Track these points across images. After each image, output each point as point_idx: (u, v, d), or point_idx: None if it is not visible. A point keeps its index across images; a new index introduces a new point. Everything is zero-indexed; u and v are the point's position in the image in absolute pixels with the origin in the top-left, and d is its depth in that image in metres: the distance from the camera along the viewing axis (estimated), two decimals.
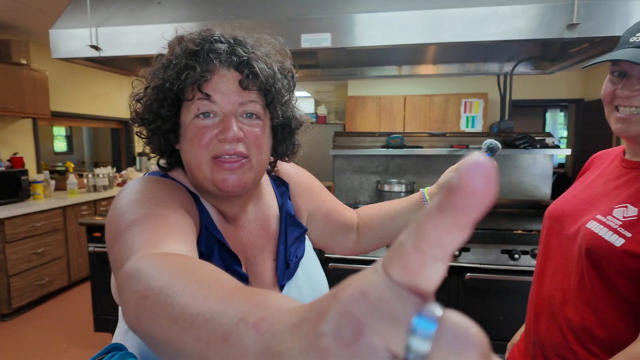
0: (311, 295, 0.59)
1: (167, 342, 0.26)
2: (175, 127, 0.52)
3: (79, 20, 1.76)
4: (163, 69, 0.50)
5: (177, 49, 0.50)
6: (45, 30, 2.07)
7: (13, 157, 3.08)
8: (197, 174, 0.51)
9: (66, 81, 3.68)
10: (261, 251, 0.59)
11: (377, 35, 1.55)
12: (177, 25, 0.57)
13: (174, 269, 0.30)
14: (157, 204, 0.45)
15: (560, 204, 0.78)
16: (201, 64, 0.48)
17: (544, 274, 0.77)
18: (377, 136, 2.48)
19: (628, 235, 0.61)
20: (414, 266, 0.14)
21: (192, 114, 0.49)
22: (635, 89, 0.63)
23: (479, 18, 1.46)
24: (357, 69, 2.23)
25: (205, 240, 0.52)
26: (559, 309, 0.71)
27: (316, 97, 6.03)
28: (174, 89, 0.48)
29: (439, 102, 4.52)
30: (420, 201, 0.71)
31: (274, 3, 1.64)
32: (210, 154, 0.49)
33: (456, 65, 2.12)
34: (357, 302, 0.14)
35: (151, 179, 0.52)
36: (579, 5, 1.37)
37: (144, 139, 0.55)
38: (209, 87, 0.48)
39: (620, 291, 0.63)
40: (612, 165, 0.76)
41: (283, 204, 0.63)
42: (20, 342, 2.37)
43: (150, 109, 0.51)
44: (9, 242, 2.59)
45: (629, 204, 0.64)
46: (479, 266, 1.64)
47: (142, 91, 0.53)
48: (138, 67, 2.19)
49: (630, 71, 0.64)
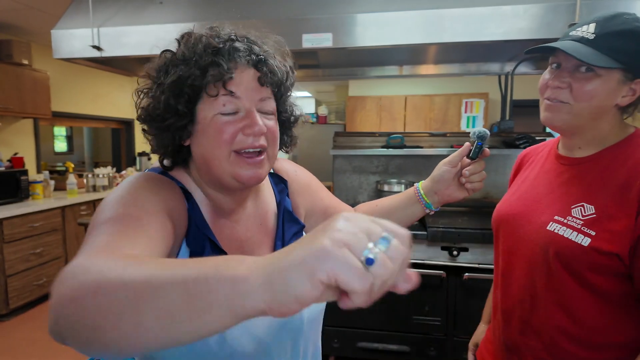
0: None
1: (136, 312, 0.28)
2: (189, 123, 0.52)
3: (80, 20, 1.76)
4: (181, 64, 0.50)
5: (198, 45, 0.50)
6: (46, 30, 2.07)
7: (13, 157, 3.08)
8: (215, 167, 0.52)
9: (67, 81, 3.68)
10: (259, 246, 0.59)
11: (378, 35, 1.54)
12: (177, 26, 0.57)
13: (126, 260, 0.32)
14: (137, 205, 0.45)
15: (508, 206, 0.78)
16: (226, 61, 0.49)
17: (508, 278, 0.76)
18: (377, 136, 2.48)
19: (592, 234, 0.61)
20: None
21: (215, 110, 0.50)
22: (564, 81, 0.63)
23: (479, 18, 1.46)
24: (358, 69, 2.23)
25: (193, 238, 0.52)
26: (529, 313, 0.71)
27: (317, 97, 6.04)
28: (196, 84, 0.49)
29: (439, 102, 4.52)
30: (415, 195, 0.72)
31: (274, 3, 1.64)
32: (233, 148, 0.51)
33: (457, 65, 2.12)
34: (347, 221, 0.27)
35: (147, 176, 0.53)
36: (581, 5, 1.37)
37: (153, 135, 0.54)
38: (232, 84, 0.50)
39: (595, 287, 0.64)
40: (548, 162, 0.75)
41: (281, 201, 0.65)
42: (18, 342, 2.36)
43: (165, 104, 0.50)
44: (7, 242, 2.59)
45: (584, 202, 0.64)
46: (477, 266, 1.64)
47: (152, 87, 0.53)
48: (139, 67, 2.19)
49: (565, 63, 0.64)
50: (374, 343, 1.84)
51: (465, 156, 0.67)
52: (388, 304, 1.82)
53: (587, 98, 0.62)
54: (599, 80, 0.61)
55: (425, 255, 1.78)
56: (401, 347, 1.81)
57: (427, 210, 0.71)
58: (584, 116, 0.64)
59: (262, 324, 0.54)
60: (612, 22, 0.61)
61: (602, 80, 0.61)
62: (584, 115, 0.64)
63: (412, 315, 1.78)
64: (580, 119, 0.64)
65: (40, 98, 3.13)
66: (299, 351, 0.59)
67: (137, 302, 0.28)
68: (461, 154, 0.68)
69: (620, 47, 0.59)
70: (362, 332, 1.85)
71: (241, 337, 0.51)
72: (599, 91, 0.61)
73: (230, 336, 0.51)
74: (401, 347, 1.81)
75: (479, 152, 0.66)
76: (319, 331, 0.65)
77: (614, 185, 0.63)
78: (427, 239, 1.78)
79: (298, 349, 0.59)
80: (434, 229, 1.76)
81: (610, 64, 0.59)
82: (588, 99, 0.62)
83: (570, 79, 0.63)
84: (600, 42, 0.60)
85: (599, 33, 0.60)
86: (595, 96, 0.62)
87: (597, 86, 0.61)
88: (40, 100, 3.13)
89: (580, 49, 0.60)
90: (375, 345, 1.84)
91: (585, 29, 0.62)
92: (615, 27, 0.60)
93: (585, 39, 0.61)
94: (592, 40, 0.60)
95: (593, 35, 0.61)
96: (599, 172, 0.66)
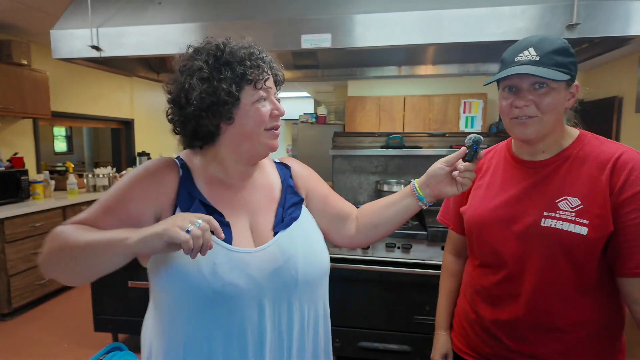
0: (305, 246, 0.72)
1: (82, 251, 0.60)
2: (233, 106, 0.68)
3: (79, 20, 1.76)
4: (236, 63, 0.66)
5: (242, 51, 0.68)
6: (46, 30, 2.08)
7: (13, 157, 3.08)
8: (253, 140, 0.70)
9: (67, 81, 3.68)
10: (265, 208, 0.75)
11: (377, 35, 1.55)
12: (176, 26, 0.62)
13: (81, 231, 0.62)
14: (125, 198, 0.67)
15: (482, 210, 0.84)
16: (266, 66, 0.71)
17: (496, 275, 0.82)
18: (377, 136, 2.49)
19: (586, 222, 0.70)
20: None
21: (255, 98, 0.68)
22: (528, 99, 0.72)
23: (478, 18, 1.47)
24: (357, 70, 2.23)
25: (183, 200, 0.69)
26: (516, 300, 0.78)
27: (316, 98, 6.04)
28: (250, 78, 0.67)
29: (438, 102, 4.52)
30: (412, 191, 0.79)
31: (274, 3, 1.64)
32: (265, 126, 0.70)
33: (456, 65, 2.13)
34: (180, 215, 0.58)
35: (149, 165, 0.70)
36: (578, 5, 1.37)
37: (198, 119, 0.67)
38: (267, 82, 0.70)
39: (586, 274, 0.73)
40: (511, 168, 0.83)
41: (285, 180, 0.80)
42: (20, 342, 2.37)
43: (227, 91, 0.65)
44: (9, 242, 2.59)
45: (566, 196, 0.73)
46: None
47: (208, 73, 0.66)
48: (139, 67, 2.19)
49: (520, 85, 0.73)
50: (374, 343, 1.85)
51: (461, 158, 0.74)
52: (389, 304, 1.83)
53: (551, 109, 0.72)
54: (554, 92, 0.72)
55: (425, 255, 1.78)
56: (402, 346, 1.82)
57: (420, 203, 0.78)
58: (551, 124, 0.74)
59: (252, 263, 0.66)
60: (545, 44, 0.72)
61: (556, 91, 0.72)
62: (550, 124, 0.74)
63: (413, 315, 1.79)
64: (548, 127, 0.74)
65: (39, 98, 3.13)
66: (294, 308, 0.69)
67: (79, 256, 0.60)
68: (458, 156, 0.75)
69: (561, 61, 0.70)
70: (363, 331, 1.86)
71: (231, 271, 0.64)
72: (557, 101, 0.72)
73: (221, 269, 0.63)
74: (402, 346, 1.82)
75: (474, 155, 0.74)
76: (316, 297, 0.74)
77: (584, 177, 0.73)
78: (427, 239, 1.79)
79: (292, 306, 0.69)
80: (434, 229, 1.77)
81: (563, 77, 0.69)
82: (552, 109, 0.72)
83: (532, 96, 0.72)
84: (545, 61, 0.70)
85: (541, 54, 0.71)
86: (556, 105, 0.72)
87: (555, 97, 0.72)
88: (39, 101, 3.13)
89: (536, 70, 0.70)
90: (376, 345, 1.85)
91: (527, 53, 0.72)
92: (550, 47, 0.71)
93: (533, 61, 0.71)
94: (538, 60, 0.70)
95: (537, 57, 0.71)
96: (567, 169, 0.75)
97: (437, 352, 0.96)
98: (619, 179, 0.69)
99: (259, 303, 0.66)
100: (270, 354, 0.66)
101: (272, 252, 0.69)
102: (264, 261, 0.67)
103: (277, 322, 0.67)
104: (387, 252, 1.82)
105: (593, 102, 4.35)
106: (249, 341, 0.65)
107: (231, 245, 0.66)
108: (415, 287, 1.76)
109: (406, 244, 1.80)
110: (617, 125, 3.99)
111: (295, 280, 0.69)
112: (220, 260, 0.64)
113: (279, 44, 1.61)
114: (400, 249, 1.81)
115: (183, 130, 0.70)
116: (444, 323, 0.98)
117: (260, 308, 0.66)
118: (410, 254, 1.80)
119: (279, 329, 0.68)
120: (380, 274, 1.80)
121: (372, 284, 1.82)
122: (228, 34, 0.72)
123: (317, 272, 0.73)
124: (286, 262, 0.68)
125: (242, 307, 0.64)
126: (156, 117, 5.02)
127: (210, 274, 0.63)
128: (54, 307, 2.85)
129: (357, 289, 1.84)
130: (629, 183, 0.68)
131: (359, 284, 1.83)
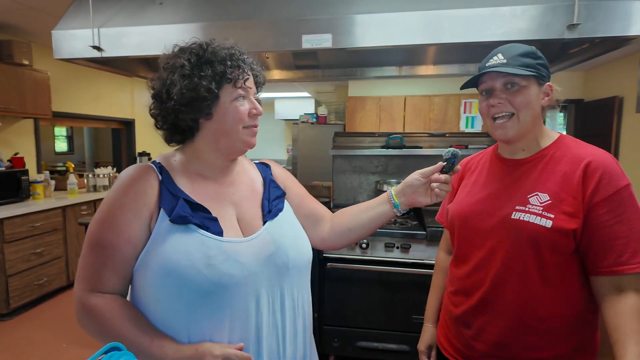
0: (292, 234, 0.77)
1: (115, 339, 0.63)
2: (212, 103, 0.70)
3: (81, 21, 1.77)
4: (217, 62, 0.69)
5: (224, 51, 0.71)
6: (47, 31, 2.08)
7: (14, 157, 3.09)
8: (231, 136, 0.72)
9: (68, 81, 3.69)
10: (248, 199, 0.78)
11: (377, 35, 1.55)
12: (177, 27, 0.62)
13: (117, 314, 0.67)
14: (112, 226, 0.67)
15: (466, 206, 0.89)
16: (247, 67, 0.73)
17: (474, 265, 0.86)
18: (377, 136, 2.49)
19: (552, 217, 0.75)
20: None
21: (233, 96, 0.71)
22: (501, 97, 0.79)
23: (478, 19, 1.47)
24: (358, 70, 2.23)
25: (166, 200, 0.69)
26: (491, 292, 0.82)
27: (316, 98, 6.04)
28: (230, 77, 0.70)
29: (438, 102, 4.52)
30: (388, 199, 0.84)
31: (274, 4, 1.64)
32: (243, 124, 0.72)
33: (456, 65, 2.13)
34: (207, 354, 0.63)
35: (124, 179, 0.70)
36: (579, 5, 1.37)
37: (178, 114, 0.69)
38: (247, 82, 0.73)
39: (547, 267, 0.76)
40: (494, 166, 0.89)
41: (266, 176, 0.85)
42: (19, 341, 2.37)
43: (205, 88, 0.68)
44: (8, 242, 2.60)
45: (537, 192, 0.78)
46: None
47: (189, 70, 0.68)
48: (140, 67, 2.19)
49: (493, 85, 0.80)
50: (373, 342, 1.85)
51: (437, 172, 0.80)
52: (388, 304, 1.83)
53: (525, 105, 0.78)
54: (525, 89, 0.78)
55: (424, 255, 1.78)
56: (401, 346, 1.82)
57: (394, 209, 0.83)
58: (528, 122, 0.79)
59: (244, 252, 0.69)
60: (512, 49, 0.80)
61: (527, 89, 0.78)
62: (528, 121, 0.79)
63: (412, 315, 1.79)
64: (526, 125, 0.80)
65: (40, 98, 3.13)
66: (285, 293, 0.73)
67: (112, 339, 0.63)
68: (434, 170, 0.80)
69: (527, 62, 0.78)
70: (362, 331, 1.86)
71: (225, 261, 0.66)
72: (530, 98, 0.78)
73: (215, 260, 0.65)
74: (401, 346, 1.82)
75: (451, 167, 0.79)
76: (304, 285, 0.79)
77: (558, 176, 0.77)
78: (426, 239, 1.79)
79: (284, 291, 0.73)
80: (433, 228, 1.77)
81: (526, 72, 0.77)
82: (526, 105, 0.78)
83: (505, 95, 0.79)
84: (512, 62, 0.78)
85: (508, 58, 0.79)
86: (529, 102, 0.78)
87: (526, 95, 0.78)
88: (40, 101, 3.13)
89: (502, 69, 0.78)
90: (375, 345, 1.84)
91: (496, 58, 0.81)
92: (516, 51, 0.79)
93: (501, 63, 0.79)
94: (506, 63, 0.79)
95: (505, 60, 0.79)
96: (543, 167, 0.80)
97: (423, 344, 1.03)
98: (591, 182, 0.73)
99: (255, 290, 0.69)
100: (267, 338, 0.69)
101: (264, 240, 0.72)
102: (257, 249, 0.71)
103: (272, 307, 0.71)
104: (386, 251, 1.82)
105: (593, 102, 4.35)
106: (246, 328, 0.68)
107: (222, 237, 0.68)
108: (415, 286, 1.76)
109: (405, 243, 1.80)
110: (617, 125, 3.99)
111: (287, 266, 0.73)
112: (214, 252, 0.66)
113: (279, 44, 1.61)
114: (399, 248, 1.81)
115: (164, 124, 0.73)
116: (431, 316, 1.04)
117: (256, 294, 0.69)
118: (409, 253, 1.80)
119: (273, 313, 0.71)
120: (380, 274, 1.80)
121: (371, 284, 1.82)
122: (229, 34, 0.74)
123: (305, 259, 0.78)
124: (278, 249, 0.72)
125: (238, 295, 0.67)
126: None
127: (205, 266, 0.64)
128: (52, 307, 2.85)
129: (356, 288, 1.84)
130: (602, 186, 0.72)
131: (358, 283, 1.83)
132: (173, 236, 0.66)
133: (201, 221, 0.68)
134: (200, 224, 0.67)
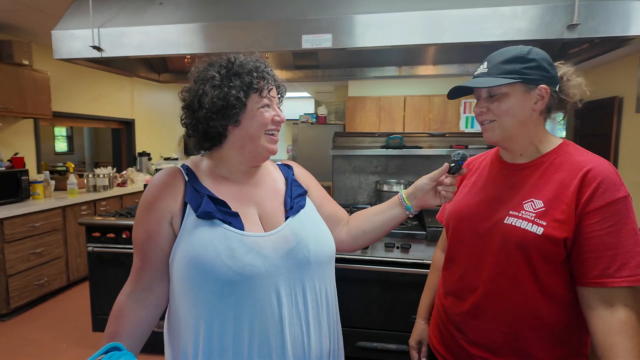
0: (314, 230, 0.80)
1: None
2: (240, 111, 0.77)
3: (81, 21, 1.77)
4: (244, 74, 0.76)
5: (250, 64, 0.77)
6: (47, 31, 2.08)
7: (14, 157, 3.08)
8: (255, 142, 0.77)
9: (68, 82, 3.69)
10: (270, 198, 0.82)
11: (377, 36, 1.55)
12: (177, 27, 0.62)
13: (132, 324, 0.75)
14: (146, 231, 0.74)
15: (464, 206, 0.90)
16: (271, 78, 0.80)
17: (465, 267, 0.86)
18: (377, 136, 2.49)
19: (544, 224, 0.74)
20: None
21: (260, 104, 0.77)
22: (483, 106, 0.82)
23: (478, 19, 1.47)
24: (357, 70, 2.23)
25: (191, 197, 0.75)
26: (482, 296, 0.82)
27: (316, 98, 6.05)
28: (257, 87, 0.76)
29: (438, 102, 4.52)
30: (399, 201, 0.88)
31: (275, 4, 1.64)
32: (266, 129, 0.78)
33: (456, 65, 2.13)
34: None
35: (153, 184, 0.77)
36: (579, 5, 1.38)
37: (209, 122, 0.76)
38: (271, 91, 0.79)
39: (539, 275, 0.76)
40: (494, 169, 0.89)
41: (288, 176, 0.89)
42: (19, 342, 2.37)
43: (235, 97, 0.74)
44: (8, 242, 2.59)
45: (533, 198, 0.78)
46: None
47: (219, 81, 0.74)
48: (140, 67, 2.20)
49: (479, 94, 0.83)
50: (373, 342, 1.85)
51: (444, 174, 0.84)
52: (388, 304, 1.83)
53: (504, 112, 0.79)
54: (506, 97, 0.78)
55: (424, 255, 1.78)
56: (400, 346, 1.82)
57: (407, 212, 0.87)
58: (511, 127, 0.80)
59: (266, 245, 0.73)
60: (498, 56, 0.80)
61: (508, 96, 0.78)
62: (510, 127, 0.80)
63: (412, 315, 1.79)
64: (509, 130, 0.80)
65: (40, 98, 3.13)
66: (307, 285, 0.76)
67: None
68: (441, 172, 0.84)
69: (509, 69, 0.78)
70: (361, 331, 1.86)
71: (247, 253, 0.70)
72: (511, 105, 0.78)
73: (238, 253, 0.70)
74: (400, 346, 1.82)
75: (458, 169, 0.82)
76: (328, 278, 0.81)
77: (555, 183, 0.77)
78: (426, 239, 1.79)
79: (305, 284, 0.75)
80: (433, 228, 1.77)
81: (499, 82, 0.77)
82: (505, 113, 0.79)
83: (487, 103, 0.81)
84: (492, 71, 0.79)
85: (490, 66, 0.81)
86: (509, 109, 0.78)
87: (507, 102, 0.78)
88: (40, 101, 3.13)
89: (479, 81, 0.80)
90: (374, 345, 1.84)
91: (481, 67, 0.83)
92: (500, 57, 0.80)
93: (483, 73, 0.81)
94: (486, 72, 0.81)
95: (487, 69, 0.81)
96: (541, 173, 0.80)
97: (413, 339, 1.04)
98: (587, 190, 0.73)
99: (276, 282, 0.72)
100: (290, 328, 0.72)
101: (285, 234, 0.76)
102: (278, 243, 0.75)
103: (294, 298, 0.74)
104: (386, 252, 1.82)
105: (593, 102, 4.35)
106: (269, 317, 0.71)
107: (244, 231, 0.73)
108: (414, 287, 1.76)
109: (405, 244, 1.80)
110: (617, 126, 3.99)
111: (308, 260, 0.76)
112: (236, 245, 0.71)
113: (279, 44, 1.61)
114: (399, 248, 1.81)
115: (195, 132, 0.79)
116: (423, 313, 1.06)
117: (276, 286, 0.72)
118: (409, 253, 1.80)
119: (296, 304, 0.74)
120: (379, 274, 1.80)
121: (371, 284, 1.82)
122: (229, 34, 0.75)
123: (327, 254, 0.80)
124: (299, 243, 0.76)
125: (261, 285, 0.70)
126: (157, 118, 5.03)
127: (228, 257, 0.69)
128: (52, 307, 2.85)
129: (356, 288, 1.84)
130: (597, 196, 0.72)
131: (358, 283, 1.83)
132: (199, 230, 0.71)
133: (224, 217, 0.73)
134: (223, 219, 0.73)
